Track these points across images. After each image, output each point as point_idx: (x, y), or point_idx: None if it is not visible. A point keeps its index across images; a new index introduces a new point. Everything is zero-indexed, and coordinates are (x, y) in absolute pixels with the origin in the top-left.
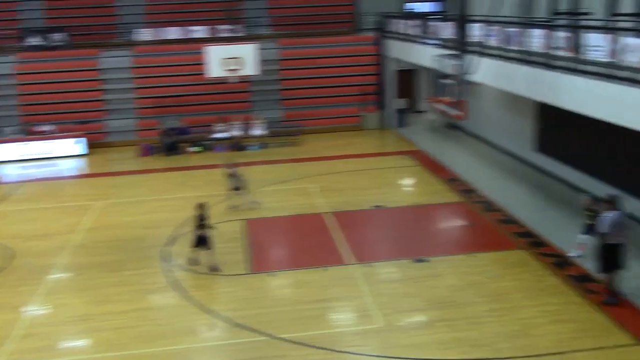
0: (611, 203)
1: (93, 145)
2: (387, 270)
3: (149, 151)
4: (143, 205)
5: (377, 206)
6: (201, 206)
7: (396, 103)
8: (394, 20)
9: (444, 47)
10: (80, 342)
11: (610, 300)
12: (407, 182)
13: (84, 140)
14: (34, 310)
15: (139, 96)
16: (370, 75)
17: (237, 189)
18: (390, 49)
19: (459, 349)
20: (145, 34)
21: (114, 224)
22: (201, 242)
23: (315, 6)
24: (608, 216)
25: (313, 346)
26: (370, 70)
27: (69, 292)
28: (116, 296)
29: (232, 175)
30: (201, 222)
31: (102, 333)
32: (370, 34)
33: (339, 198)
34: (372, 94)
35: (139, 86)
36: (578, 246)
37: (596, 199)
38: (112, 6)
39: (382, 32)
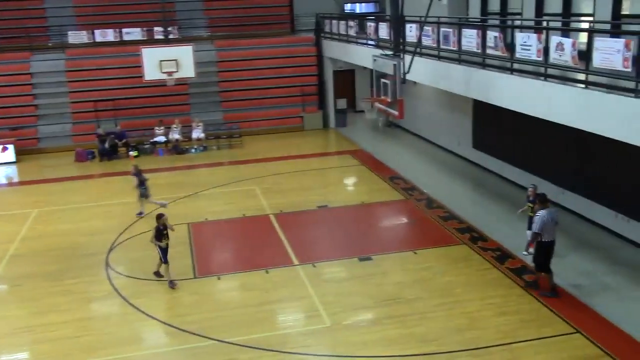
0: (542, 202)
1: (25, 152)
2: (333, 270)
3: (85, 156)
4: (82, 212)
5: (321, 206)
6: (161, 217)
7: (336, 103)
8: (332, 21)
9: (381, 47)
10: (21, 355)
11: (551, 294)
12: (350, 182)
13: (11, 147)
14: None
15: (74, 100)
16: (310, 76)
17: (143, 195)
18: (328, 49)
19: (407, 345)
20: (78, 37)
21: (52, 232)
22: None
23: (252, 7)
24: (539, 215)
25: (262, 348)
26: (309, 71)
27: (8, 304)
28: (58, 306)
29: (137, 182)
30: (164, 233)
31: (44, 345)
32: (309, 35)
33: (282, 199)
34: (312, 95)
35: (73, 90)
36: (529, 244)
37: (537, 194)
38: (41, 8)
39: (320, 33)
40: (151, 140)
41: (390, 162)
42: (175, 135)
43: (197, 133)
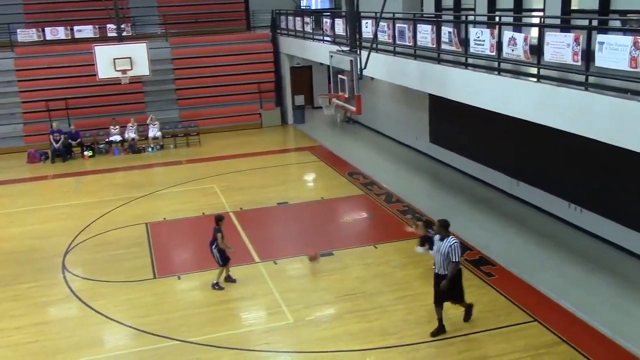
0: (447, 228)
1: None
2: (294, 266)
3: (38, 158)
4: (34, 215)
5: (281, 203)
6: (222, 219)
7: (294, 99)
8: (288, 17)
9: (337, 43)
10: None
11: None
12: (309, 178)
13: None
14: None
15: (25, 100)
16: (266, 72)
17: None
18: (285, 46)
19: (369, 339)
20: (28, 35)
21: (3, 236)
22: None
23: (207, 4)
24: (455, 243)
25: (225, 347)
26: (266, 67)
27: None
28: (11, 311)
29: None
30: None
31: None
32: (265, 32)
33: (241, 197)
34: (269, 92)
35: (24, 89)
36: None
37: (428, 223)
38: None
39: (277, 29)
40: (106, 140)
41: (349, 158)
42: (131, 135)
43: (154, 132)
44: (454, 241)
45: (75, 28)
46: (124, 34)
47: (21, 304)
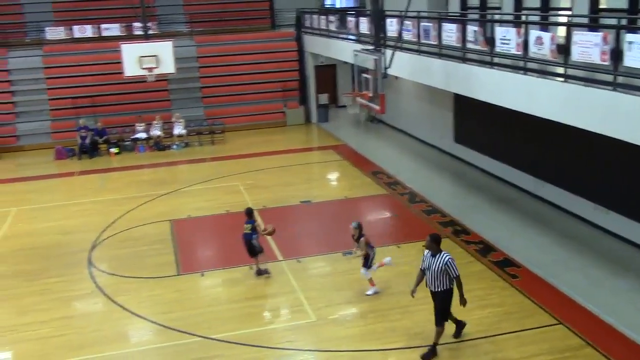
0: (439, 244)
1: (3, 150)
2: (318, 265)
3: (65, 154)
4: (61, 211)
5: (304, 201)
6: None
7: (318, 98)
8: (312, 16)
9: (361, 42)
10: (2, 355)
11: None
12: (333, 177)
13: None
14: None
15: (53, 97)
16: (291, 71)
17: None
18: (309, 44)
19: (391, 339)
20: (56, 33)
21: (31, 231)
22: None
23: (232, 2)
24: (450, 258)
25: (247, 344)
26: (291, 66)
27: None
28: (39, 305)
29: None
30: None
31: (24, 344)
32: (289, 30)
33: (265, 195)
34: (293, 90)
35: (52, 87)
36: (371, 281)
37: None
38: (18, 4)
39: (301, 28)
40: (132, 137)
41: (373, 157)
42: (156, 132)
43: (178, 129)
44: (448, 257)
45: (103, 26)
46: (150, 32)
47: (48, 298)
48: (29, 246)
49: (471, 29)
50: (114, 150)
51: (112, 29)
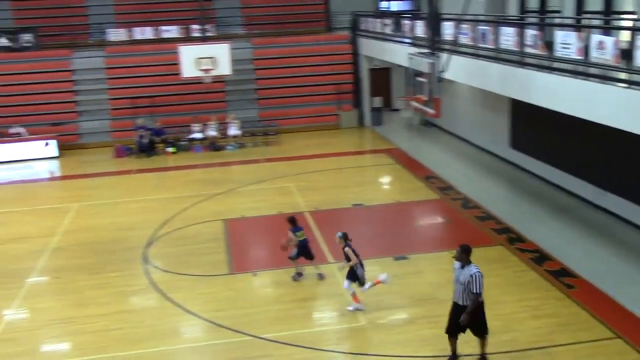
0: (469, 255)
1: (66, 147)
2: (369, 269)
3: (124, 152)
4: (120, 207)
5: (356, 204)
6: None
7: (372, 101)
8: (368, 19)
9: (417, 45)
10: (60, 346)
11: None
12: (385, 180)
13: (54, 142)
14: (13, 314)
15: (113, 97)
16: (345, 74)
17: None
18: (364, 47)
19: (441, 345)
20: (117, 34)
21: (91, 226)
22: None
23: (288, 5)
24: (476, 272)
25: (297, 345)
26: (345, 69)
27: (48, 296)
28: (96, 299)
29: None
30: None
31: (82, 336)
32: (344, 33)
33: (317, 197)
34: (347, 93)
35: (112, 87)
36: (354, 298)
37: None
38: (82, 6)
39: (356, 30)
40: (188, 137)
41: (426, 161)
42: (211, 132)
43: (234, 130)
44: (476, 270)
45: (162, 28)
46: (208, 34)
47: (106, 292)
48: (89, 241)
49: (530, 32)
50: (170, 149)
51: (171, 31)
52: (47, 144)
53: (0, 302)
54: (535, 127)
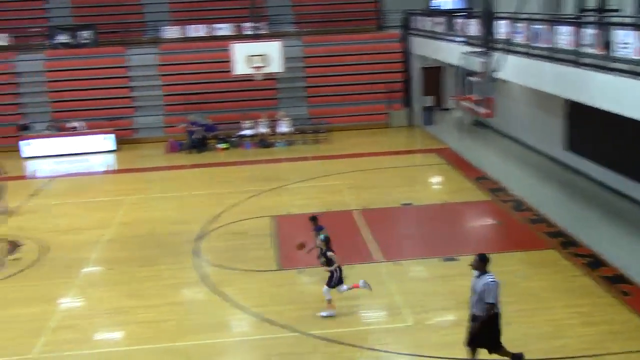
0: (485, 263)
1: (122, 142)
2: (416, 269)
3: (176, 147)
4: (172, 201)
5: (405, 204)
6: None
7: (423, 100)
8: (419, 18)
9: (470, 44)
10: (113, 335)
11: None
12: (435, 180)
13: (112, 136)
14: (69, 302)
15: (167, 93)
16: (396, 72)
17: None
18: (415, 46)
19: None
20: (171, 32)
21: (145, 219)
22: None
23: (339, 3)
24: (491, 281)
25: (343, 343)
26: (395, 67)
27: (102, 286)
28: (148, 290)
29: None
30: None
31: (134, 326)
32: (395, 31)
33: (366, 195)
34: (398, 92)
35: (166, 83)
36: (329, 305)
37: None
38: (138, 4)
39: (407, 29)
40: (239, 134)
41: (477, 162)
42: (262, 129)
43: (284, 127)
44: (490, 279)
45: (215, 26)
46: (259, 32)
47: (157, 284)
48: (142, 233)
49: (587, 32)
50: (222, 145)
51: (223, 29)
52: (106, 138)
53: (57, 290)
54: (592, 129)
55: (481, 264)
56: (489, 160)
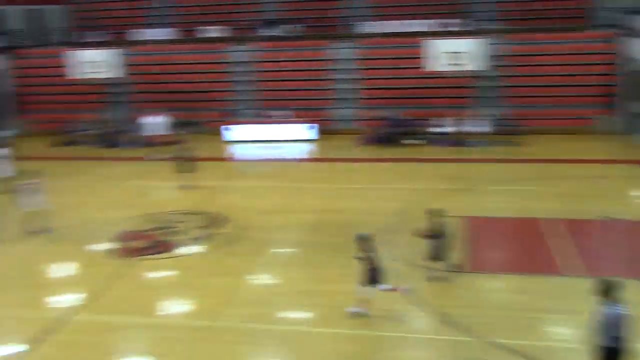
0: (610, 291)
1: (325, 132)
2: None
3: (370, 140)
4: (363, 193)
5: (606, 217)
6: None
7: (635, 107)
8: (637, 17)
9: None
10: (297, 314)
11: None
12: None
13: (316, 126)
14: (259, 279)
15: (365, 87)
16: (604, 75)
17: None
18: (633, 47)
19: None
20: (370, 27)
21: (336, 207)
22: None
23: (547, 0)
24: (616, 312)
25: (523, 355)
26: (604, 70)
27: (291, 267)
28: (335, 276)
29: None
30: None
31: (319, 309)
32: (607, 31)
33: (557, 204)
34: (606, 96)
35: (364, 77)
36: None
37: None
38: None
39: (622, 29)
40: (433, 131)
41: None
42: (456, 128)
43: (481, 127)
44: (614, 311)
45: (412, 21)
46: (458, 28)
47: (345, 272)
48: (333, 221)
49: None
50: (415, 141)
51: (422, 25)
52: (309, 127)
53: (250, 266)
54: None
55: (605, 293)
56: None
